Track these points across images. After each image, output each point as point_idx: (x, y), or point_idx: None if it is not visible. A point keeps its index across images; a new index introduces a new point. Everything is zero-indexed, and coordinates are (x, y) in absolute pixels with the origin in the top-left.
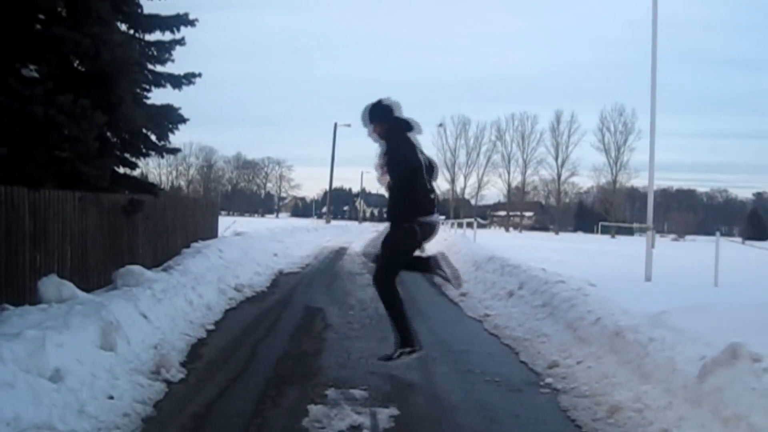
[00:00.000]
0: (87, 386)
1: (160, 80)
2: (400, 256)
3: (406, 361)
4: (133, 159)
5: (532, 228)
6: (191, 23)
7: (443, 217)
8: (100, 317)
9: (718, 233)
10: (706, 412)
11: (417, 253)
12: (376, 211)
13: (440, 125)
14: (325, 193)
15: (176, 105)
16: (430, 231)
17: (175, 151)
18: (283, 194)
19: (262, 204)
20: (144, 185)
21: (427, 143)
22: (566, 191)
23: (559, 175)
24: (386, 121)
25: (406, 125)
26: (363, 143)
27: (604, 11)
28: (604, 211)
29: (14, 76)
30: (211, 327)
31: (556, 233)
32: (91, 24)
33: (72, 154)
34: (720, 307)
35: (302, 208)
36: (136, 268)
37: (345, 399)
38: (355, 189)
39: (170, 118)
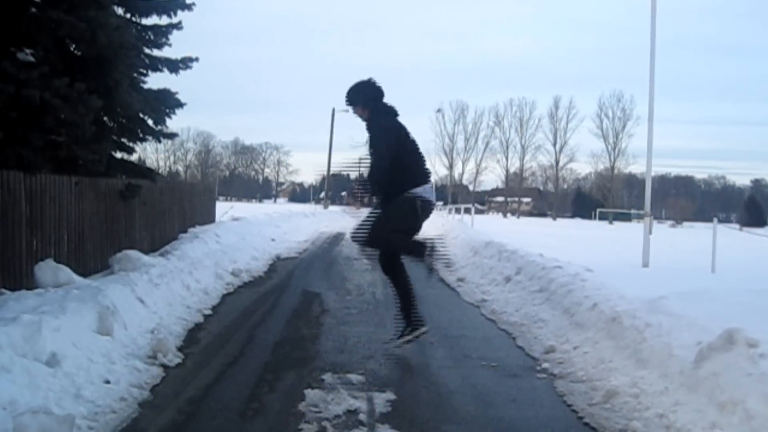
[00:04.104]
0: (83, 370)
1: (156, 64)
2: (403, 228)
3: (414, 340)
4: (130, 144)
5: (530, 214)
6: (188, 7)
7: (440, 203)
8: (97, 302)
9: (715, 219)
10: (702, 398)
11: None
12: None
13: (438, 111)
14: (323, 179)
15: (173, 89)
16: (427, 206)
17: (172, 135)
18: (281, 179)
19: (259, 189)
20: (141, 170)
21: (425, 129)
22: (564, 177)
23: (557, 161)
24: (374, 103)
25: (393, 110)
26: (361, 129)
27: None
28: (602, 197)
29: (9, 60)
30: (208, 312)
31: (554, 219)
32: (87, 7)
33: (68, 138)
34: (717, 292)
35: (300, 194)
36: (133, 253)
37: (342, 383)
38: (353, 174)
39: (167, 102)
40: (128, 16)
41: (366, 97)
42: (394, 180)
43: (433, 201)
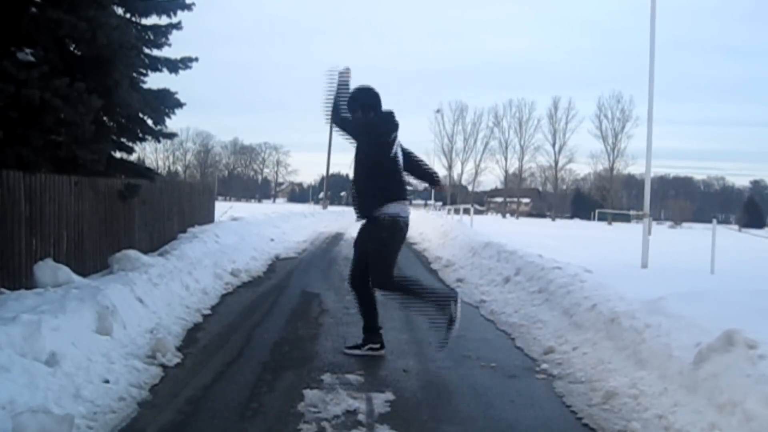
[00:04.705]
0: (83, 370)
1: (156, 64)
2: (394, 249)
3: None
4: (130, 143)
5: (529, 214)
6: (188, 7)
7: (440, 203)
8: (96, 301)
9: (714, 220)
10: (701, 399)
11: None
12: None
13: (438, 111)
14: (322, 179)
15: (173, 89)
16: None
17: (171, 135)
18: (280, 180)
19: (259, 189)
20: (140, 170)
21: (425, 129)
22: (563, 178)
23: (556, 162)
24: (372, 111)
25: (391, 115)
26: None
27: None
28: (601, 198)
29: (9, 60)
30: (208, 311)
31: (553, 220)
32: (87, 7)
33: (68, 138)
34: (716, 293)
35: (299, 194)
36: (133, 253)
37: (341, 384)
38: (352, 175)
39: (167, 102)
40: (128, 15)
41: (364, 104)
42: (374, 190)
43: (407, 215)
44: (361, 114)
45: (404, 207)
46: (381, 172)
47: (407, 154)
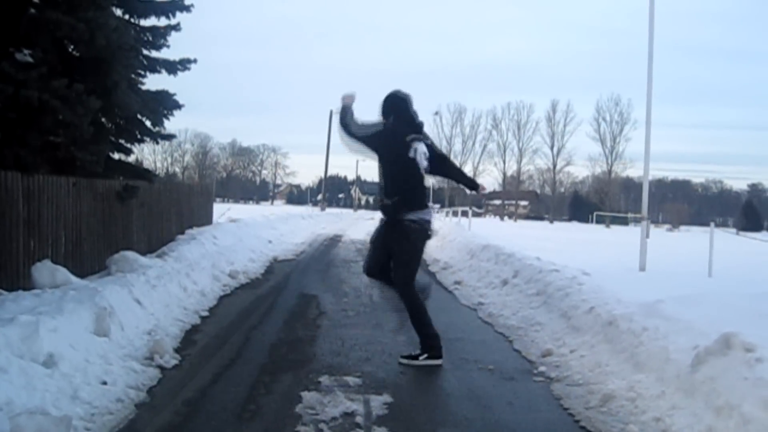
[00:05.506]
0: (80, 372)
1: (155, 66)
2: (419, 256)
3: (429, 365)
4: (128, 145)
5: (527, 217)
6: (187, 8)
7: (438, 205)
8: (94, 303)
9: (712, 224)
10: (698, 402)
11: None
12: (371, 199)
13: (436, 113)
14: (321, 181)
15: (171, 91)
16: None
17: (170, 137)
18: (279, 181)
19: (257, 191)
20: (139, 171)
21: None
22: (561, 181)
23: (554, 165)
24: (393, 114)
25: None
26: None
27: (602, 0)
28: (599, 201)
29: (8, 61)
30: (206, 313)
31: (551, 222)
32: (86, 8)
33: (66, 139)
34: (714, 297)
35: (297, 196)
36: (131, 254)
37: (338, 386)
38: (351, 177)
39: (165, 103)
40: (127, 17)
41: (385, 109)
42: (403, 194)
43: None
44: (384, 118)
45: (429, 211)
46: (404, 176)
47: (442, 157)
